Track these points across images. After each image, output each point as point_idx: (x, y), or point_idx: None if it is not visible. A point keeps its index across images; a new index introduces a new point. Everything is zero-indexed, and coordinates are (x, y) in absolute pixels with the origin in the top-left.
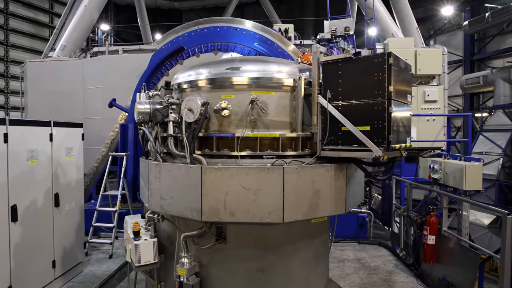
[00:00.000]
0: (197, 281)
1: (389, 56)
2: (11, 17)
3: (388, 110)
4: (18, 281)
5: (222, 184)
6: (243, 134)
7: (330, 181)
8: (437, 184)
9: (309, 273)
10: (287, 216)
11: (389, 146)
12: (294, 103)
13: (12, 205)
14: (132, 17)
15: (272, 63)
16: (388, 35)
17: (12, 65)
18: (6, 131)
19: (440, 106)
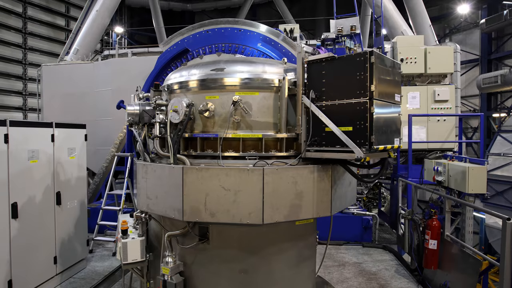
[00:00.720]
0: (180, 280)
1: (370, 55)
2: (29, 21)
3: (370, 110)
4: (19, 275)
5: (203, 184)
6: (225, 135)
7: (313, 183)
8: (442, 186)
9: (293, 276)
10: (267, 218)
11: (371, 147)
12: (279, 104)
13: (13, 203)
14: (145, 20)
15: (256, 63)
16: (398, 33)
17: (30, 67)
18: (7, 132)
19: (452, 106)
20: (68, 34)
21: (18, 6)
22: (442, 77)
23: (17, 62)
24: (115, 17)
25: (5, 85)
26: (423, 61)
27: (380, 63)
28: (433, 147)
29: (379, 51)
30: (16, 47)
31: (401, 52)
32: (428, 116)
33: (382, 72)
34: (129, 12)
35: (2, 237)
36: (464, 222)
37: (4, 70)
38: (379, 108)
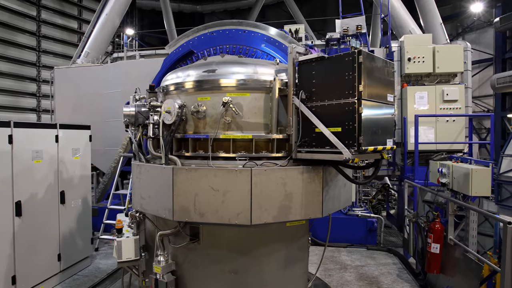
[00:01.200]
0: (172, 279)
1: (359, 54)
2: (42, 24)
3: (358, 110)
4: (23, 271)
5: (192, 185)
6: (215, 136)
7: (303, 184)
8: (446, 189)
9: (284, 277)
10: (255, 219)
11: (359, 148)
12: (270, 105)
13: (17, 201)
14: (155, 22)
15: (248, 65)
16: (406, 32)
17: (44, 70)
18: (11, 133)
19: (461, 106)
20: (80, 37)
21: (32, 10)
22: (451, 76)
23: (31, 64)
24: (126, 19)
25: (20, 87)
26: (432, 60)
27: (369, 63)
28: (441, 149)
29: (385, 51)
30: (30, 50)
31: (409, 51)
32: (437, 117)
33: (372, 72)
34: (139, 14)
35: (6, 234)
36: (468, 225)
37: (19, 72)
38: (369, 108)
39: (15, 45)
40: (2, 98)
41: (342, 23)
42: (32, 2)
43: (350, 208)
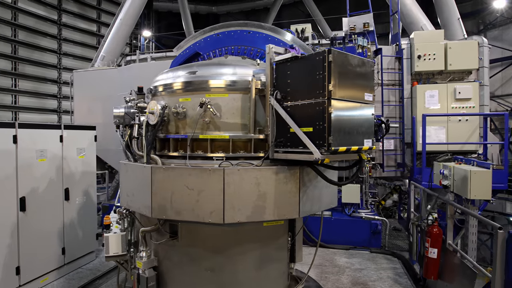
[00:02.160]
0: (153, 274)
1: (328, 53)
2: (63, 27)
3: (327, 110)
4: (26, 263)
5: (169, 183)
6: (194, 136)
7: (278, 184)
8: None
9: (261, 277)
10: (228, 218)
11: (329, 149)
12: (249, 105)
13: (21, 197)
14: (172, 23)
15: (227, 66)
16: (417, 28)
17: (64, 72)
18: (16, 133)
19: (475, 105)
20: (99, 39)
21: (53, 14)
22: (465, 73)
23: (53, 66)
24: (143, 21)
25: (42, 89)
26: (443, 57)
27: (341, 61)
28: (453, 149)
29: (395, 48)
30: (51, 53)
31: (418, 49)
32: (448, 116)
33: (345, 71)
34: (156, 16)
35: (10, 227)
36: (467, 230)
37: (41, 75)
38: (342, 108)
39: (38, 48)
40: (27, 100)
41: (349, 21)
42: (54, 6)
43: (355, 210)
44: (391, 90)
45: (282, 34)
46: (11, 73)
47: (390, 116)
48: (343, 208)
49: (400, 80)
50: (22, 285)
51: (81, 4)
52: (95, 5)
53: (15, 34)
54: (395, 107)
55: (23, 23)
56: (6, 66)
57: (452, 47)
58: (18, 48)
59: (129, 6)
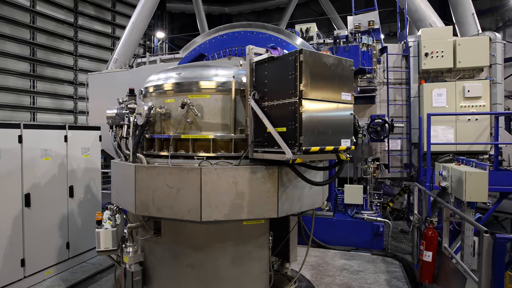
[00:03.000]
0: (138, 269)
1: (300, 53)
2: (79, 30)
3: (299, 110)
4: (31, 255)
5: (151, 181)
6: (176, 136)
7: (256, 184)
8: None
9: (241, 275)
10: (205, 216)
11: (300, 148)
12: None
13: (26, 193)
14: (185, 24)
15: (210, 67)
16: (425, 25)
17: (80, 73)
18: (21, 134)
19: (485, 103)
20: (114, 41)
21: (70, 17)
22: (476, 71)
23: (69, 68)
24: (157, 23)
25: (59, 90)
26: (452, 55)
27: (314, 61)
28: (462, 150)
29: (402, 46)
30: (68, 54)
31: (426, 46)
32: (456, 115)
33: (319, 70)
34: (169, 17)
35: (16, 222)
36: (463, 233)
37: (58, 76)
38: (315, 108)
39: (55, 50)
40: (45, 101)
41: (354, 20)
42: (70, 9)
43: (359, 211)
44: (398, 89)
45: (286, 34)
46: (29, 74)
47: (397, 115)
48: (346, 209)
49: (407, 79)
50: (27, 277)
51: (97, 7)
52: (110, 7)
53: (33, 36)
54: (401, 107)
55: (41, 26)
56: (25, 68)
57: (461, 44)
58: (36, 50)
59: (140, 10)
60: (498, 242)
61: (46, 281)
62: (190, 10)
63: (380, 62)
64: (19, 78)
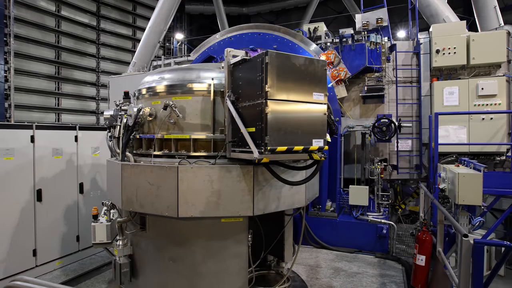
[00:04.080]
0: (126, 261)
1: (265, 55)
2: (101, 33)
3: (264, 110)
4: (42, 246)
5: (135, 179)
6: (159, 136)
7: (232, 182)
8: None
9: (220, 271)
10: (182, 212)
11: (266, 148)
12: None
13: (38, 189)
14: (203, 26)
15: (193, 70)
16: (439, 21)
17: (102, 75)
18: (33, 134)
19: (501, 102)
20: (134, 43)
21: (93, 20)
22: (493, 68)
23: (92, 70)
24: (176, 24)
25: (82, 91)
26: (465, 51)
27: (281, 63)
28: (475, 151)
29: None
30: (91, 57)
31: (437, 43)
32: (469, 114)
33: (286, 71)
34: (188, 19)
35: (28, 215)
36: (457, 237)
37: (81, 78)
38: (282, 108)
39: (79, 53)
40: (69, 102)
41: (363, 18)
42: (93, 13)
43: (364, 212)
44: (408, 88)
45: (291, 34)
46: (54, 77)
47: (407, 115)
48: (351, 210)
49: (418, 77)
50: (38, 266)
51: (118, 10)
52: (131, 10)
53: (58, 40)
54: (411, 106)
55: (65, 29)
56: (50, 70)
57: (475, 39)
58: (61, 53)
59: (157, 15)
60: (476, 246)
61: (56, 270)
62: (208, 12)
63: (389, 60)
64: (45, 80)
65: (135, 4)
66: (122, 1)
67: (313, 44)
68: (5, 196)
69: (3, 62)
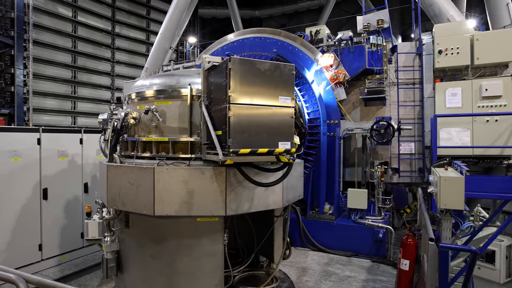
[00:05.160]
0: (112, 257)
1: (228, 61)
2: (116, 37)
3: (227, 114)
4: (48, 242)
5: (118, 179)
6: (141, 139)
7: (205, 183)
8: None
9: (196, 269)
10: (158, 210)
11: (229, 150)
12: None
13: (44, 188)
14: (216, 29)
15: (173, 76)
16: (443, 20)
17: (117, 78)
18: (39, 137)
19: (507, 103)
20: (148, 47)
21: (108, 25)
22: (499, 67)
23: (107, 74)
24: (189, 28)
25: (98, 95)
26: (469, 51)
27: (244, 68)
28: (478, 154)
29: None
30: (106, 61)
31: (439, 43)
32: (473, 116)
33: (250, 76)
34: (201, 23)
35: (34, 212)
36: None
37: (96, 82)
38: (245, 112)
39: (94, 57)
40: (85, 105)
41: (364, 20)
42: (108, 18)
43: (363, 216)
44: (411, 90)
45: (292, 38)
46: (71, 81)
47: (409, 117)
48: (350, 213)
49: (421, 79)
50: (44, 260)
51: (132, 14)
52: (145, 15)
53: (75, 45)
54: (413, 108)
55: (82, 34)
56: (67, 74)
57: (479, 39)
58: (77, 58)
59: (168, 21)
60: (441, 250)
61: (61, 265)
62: (221, 15)
63: (391, 62)
64: (62, 84)
65: (149, 8)
66: (137, 6)
67: (313, 46)
68: (13, 195)
69: (22, 67)
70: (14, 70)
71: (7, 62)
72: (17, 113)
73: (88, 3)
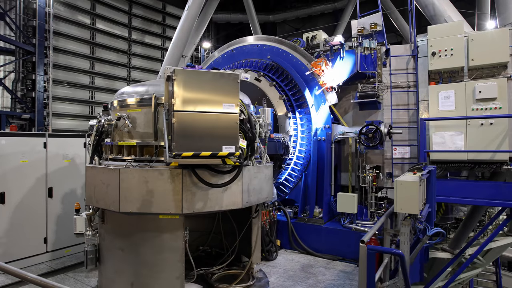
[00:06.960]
0: (91, 249)
1: (172, 73)
2: (133, 43)
3: (170, 121)
4: (52, 236)
5: (94, 178)
6: (114, 143)
7: (164, 183)
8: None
9: (159, 262)
10: (122, 207)
11: (172, 153)
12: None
13: (49, 187)
14: (230, 34)
15: (144, 85)
16: (440, 21)
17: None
18: (46, 141)
19: (502, 105)
20: (163, 53)
21: (124, 32)
22: (497, 68)
23: (123, 79)
24: (204, 33)
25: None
26: (463, 52)
27: (187, 78)
28: (473, 159)
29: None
30: (122, 67)
31: (433, 45)
32: (467, 119)
33: (194, 86)
34: (215, 28)
35: (40, 208)
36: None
37: (114, 87)
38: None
39: (111, 63)
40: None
41: (358, 23)
42: (125, 24)
43: (353, 220)
44: (405, 93)
45: (286, 44)
46: (88, 86)
47: (403, 121)
48: (340, 217)
49: (416, 81)
50: (48, 252)
51: (147, 21)
52: (160, 21)
53: (93, 51)
54: (407, 111)
55: (99, 41)
56: (84, 80)
57: (474, 39)
58: (95, 64)
59: (179, 32)
60: (368, 252)
61: (64, 257)
62: (234, 20)
63: (385, 65)
64: (80, 89)
65: (164, 15)
66: (152, 13)
67: (306, 52)
68: (21, 193)
69: (43, 73)
70: (35, 76)
71: (29, 69)
72: (38, 118)
73: (105, 11)
